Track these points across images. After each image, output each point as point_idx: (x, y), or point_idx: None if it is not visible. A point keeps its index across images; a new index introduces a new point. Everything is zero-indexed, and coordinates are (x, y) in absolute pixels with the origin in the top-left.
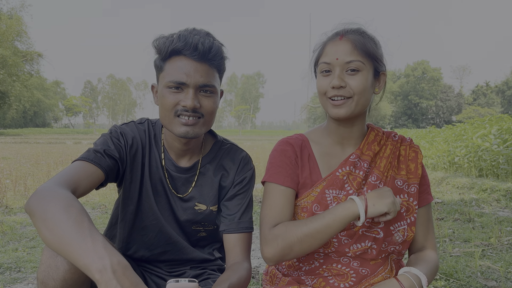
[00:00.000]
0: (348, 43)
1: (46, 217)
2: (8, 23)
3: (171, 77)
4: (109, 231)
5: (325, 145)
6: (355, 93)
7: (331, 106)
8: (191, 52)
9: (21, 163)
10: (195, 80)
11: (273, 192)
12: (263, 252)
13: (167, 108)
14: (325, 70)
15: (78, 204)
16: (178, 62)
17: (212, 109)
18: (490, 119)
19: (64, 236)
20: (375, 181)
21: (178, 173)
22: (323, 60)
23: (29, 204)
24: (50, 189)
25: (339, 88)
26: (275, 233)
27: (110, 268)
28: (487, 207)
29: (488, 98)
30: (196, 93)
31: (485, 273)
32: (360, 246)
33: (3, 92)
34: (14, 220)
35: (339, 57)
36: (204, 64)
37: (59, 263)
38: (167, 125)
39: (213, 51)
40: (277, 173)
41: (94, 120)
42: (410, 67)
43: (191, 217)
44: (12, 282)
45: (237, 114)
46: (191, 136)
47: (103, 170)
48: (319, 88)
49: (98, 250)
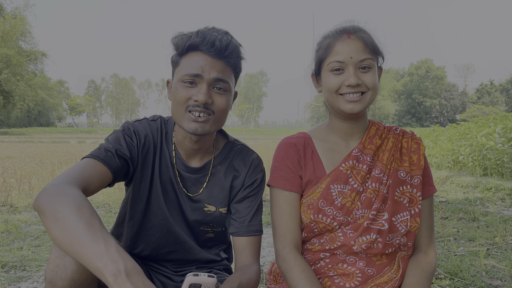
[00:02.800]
0: (359, 41)
1: (57, 217)
2: (12, 23)
3: (186, 70)
4: (116, 229)
5: (328, 142)
6: (369, 89)
7: (345, 102)
8: (208, 48)
9: (26, 162)
10: (209, 74)
11: (278, 198)
12: (276, 261)
13: (179, 102)
14: (336, 69)
15: (89, 205)
16: (194, 57)
17: (224, 107)
18: (494, 117)
19: (76, 237)
20: (379, 174)
21: (188, 173)
22: (334, 59)
23: (38, 201)
24: (61, 187)
25: (356, 86)
26: (283, 266)
27: (124, 272)
28: (492, 206)
29: (492, 96)
30: (209, 89)
31: (490, 272)
32: (365, 238)
33: (8, 91)
34: (19, 219)
35: (353, 56)
36: (220, 61)
37: (67, 263)
38: (178, 119)
39: (230, 49)
40: (280, 177)
41: (98, 119)
42: (414, 66)
43: (200, 217)
44: (17, 281)
45: (240, 113)
46: (200, 133)
47: (111, 170)
48: (331, 86)
49: (112, 254)
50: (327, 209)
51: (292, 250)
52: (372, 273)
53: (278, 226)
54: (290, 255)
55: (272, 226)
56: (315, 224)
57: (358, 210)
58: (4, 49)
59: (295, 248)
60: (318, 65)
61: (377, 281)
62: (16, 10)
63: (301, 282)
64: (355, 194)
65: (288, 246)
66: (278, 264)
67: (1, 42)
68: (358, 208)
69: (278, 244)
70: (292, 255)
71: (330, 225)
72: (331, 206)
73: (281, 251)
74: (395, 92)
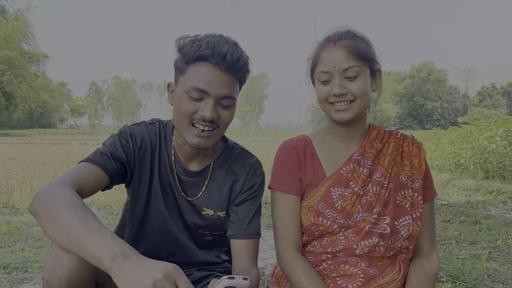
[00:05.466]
0: (343, 49)
1: (52, 215)
2: (15, 25)
3: (193, 83)
4: (117, 232)
5: (329, 145)
6: (357, 97)
7: (334, 111)
8: (218, 61)
9: (27, 163)
10: (217, 91)
11: (279, 201)
12: (278, 263)
13: (183, 114)
14: (323, 80)
15: (82, 202)
16: (202, 68)
17: (228, 121)
18: (496, 120)
19: (72, 231)
20: (380, 178)
21: (187, 176)
22: (320, 70)
23: (33, 205)
24: (54, 188)
25: (341, 95)
26: (286, 267)
27: (120, 255)
28: (494, 209)
29: (494, 99)
30: (216, 105)
31: (492, 275)
32: (367, 242)
33: (10, 93)
34: (21, 220)
35: (337, 65)
36: (229, 75)
37: (64, 262)
38: (181, 131)
39: (240, 64)
40: (280, 179)
41: (99, 121)
42: (415, 69)
43: (198, 221)
44: (19, 282)
45: (241, 116)
46: (203, 148)
47: (107, 174)
48: (320, 95)
49: (107, 241)
50: (327, 211)
51: (294, 252)
52: (374, 273)
53: (279, 229)
54: (291, 256)
55: (273, 229)
56: (315, 227)
57: (358, 214)
58: (6, 51)
59: (297, 250)
60: (311, 74)
61: (379, 281)
62: (18, 12)
63: (304, 283)
64: (355, 197)
65: (289, 248)
66: (281, 266)
67: (3, 43)
68: (358, 211)
69: (280, 246)
70: (293, 256)
71: (330, 227)
72: (332, 209)
73: (283, 253)
74: (396, 94)
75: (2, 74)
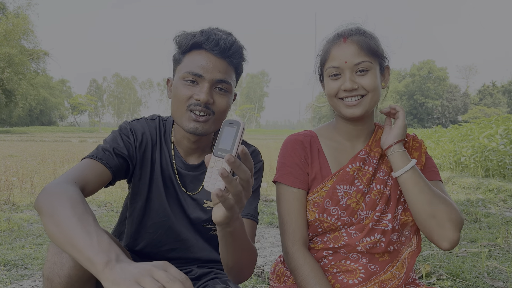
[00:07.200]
0: (354, 44)
1: (52, 213)
2: (15, 22)
3: (188, 68)
4: (118, 227)
5: (334, 141)
6: (369, 91)
7: (344, 106)
8: (212, 47)
9: (28, 161)
10: (212, 74)
11: (287, 195)
12: (284, 258)
13: (180, 100)
14: (334, 74)
15: (85, 202)
16: (197, 55)
17: (224, 107)
18: (496, 119)
19: (69, 231)
20: (384, 176)
21: (187, 170)
22: (331, 65)
23: (37, 201)
24: (59, 185)
25: (352, 90)
26: (292, 264)
27: (115, 260)
28: (494, 208)
29: (494, 98)
30: (211, 89)
31: (492, 273)
32: (369, 239)
33: (10, 90)
34: (21, 218)
35: (348, 60)
36: (223, 60)
37: (64, 259)
38: (178, 118)
39: (234, 49)
40: (288, 173)
41: (100, 118)
42: (416, 67)
43: (201, 214)
44: (19, 279)
45: (242, 113)
46: (200, 133)
47: (110, 169)
48: (330, 91)
49: (103, 245)
50: (332, 209)
51: (301, 248)
52: (375, 269)
53: (286, 223)
54: (299, 253)
55: (279, 224)
56: (319, 224)
57: (362, 211)
58: (6, 48)
59: (304, 246)
60: (320, 70)
61: (380, 278)
62: (18, 9)
63: (310, 282)
64: (360, 195)
65: (297, 243)
66: (287, 262)
67: (3, 41)
68: (362, 209)
69: (288, 241)
70: (301, 253)
71: (334, 224)
72: (336, 206)
73: (291, 249)
74: (396, 93)
75: (2, 71)
